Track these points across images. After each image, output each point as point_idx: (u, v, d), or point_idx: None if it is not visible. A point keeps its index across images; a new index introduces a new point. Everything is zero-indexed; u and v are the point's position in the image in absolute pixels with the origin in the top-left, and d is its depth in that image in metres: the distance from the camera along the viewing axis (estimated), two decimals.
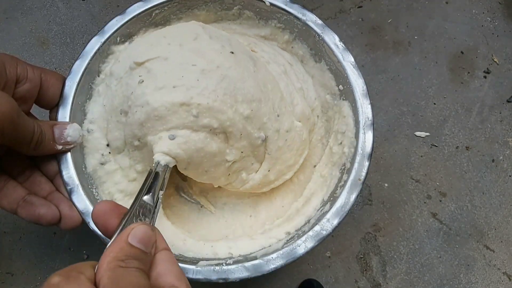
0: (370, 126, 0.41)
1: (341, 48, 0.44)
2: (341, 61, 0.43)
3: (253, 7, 0.47)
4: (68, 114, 0.40)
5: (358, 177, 0.39)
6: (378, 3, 0.76)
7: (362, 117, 0.41)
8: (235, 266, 0.36)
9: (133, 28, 0.45)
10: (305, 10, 0.45)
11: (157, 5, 0.45)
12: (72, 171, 0.38)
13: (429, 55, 0.73)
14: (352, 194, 0.39)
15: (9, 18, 0.71)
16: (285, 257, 0.36)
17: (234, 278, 0.35)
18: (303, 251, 0.36)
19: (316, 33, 0.45)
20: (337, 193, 0.40)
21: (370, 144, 0.40)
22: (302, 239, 0.37)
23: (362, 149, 0.40)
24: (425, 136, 0.69)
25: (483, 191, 0.66)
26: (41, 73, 0.38)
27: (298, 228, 0.41)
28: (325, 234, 0.37)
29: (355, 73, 0.43)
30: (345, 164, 0.42)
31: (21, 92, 0.36)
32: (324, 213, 0.39)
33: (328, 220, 0.38)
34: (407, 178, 0.66)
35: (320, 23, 0.45)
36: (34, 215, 0.35)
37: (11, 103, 0.30)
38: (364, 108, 0.41)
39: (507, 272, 0.63)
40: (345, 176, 0.40)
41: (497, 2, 0.77)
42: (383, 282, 0.61)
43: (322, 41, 0.44)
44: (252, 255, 0.39)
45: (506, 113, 0.71)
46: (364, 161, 0.40)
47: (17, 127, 0.31)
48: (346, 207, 0.38)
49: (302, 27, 0.46)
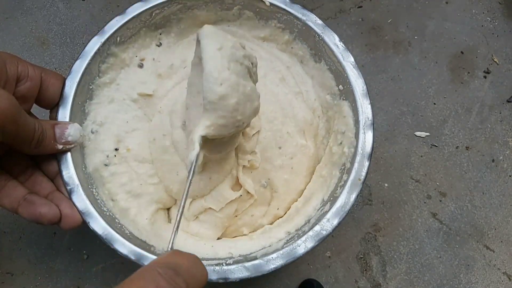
0: (370, 126, 0.41)
1: (341, 48, 0.44)
2: (341, 61, 0.43)
3: (253, 7, 0.47)
4: (68, 114, 0.40)
5: (358, 177, 0.39)
6: (378, 3, 0.76)
7: (362, 117, 0.41)
8: (235, 266, 0.36)
9: (133, 28, 0.45)
10: (305, 10, 0.45)
11: (157, 5, 0.45)
12: (72, 171, 0.38)
13: (429, 55, 0.73)
14: (352, 194, 0.39)
15: (9, 18, 0.71)
16: (285, 257, 0.36)
17: (234, 278, 0.35)
18: (303, 251, 0.36)
19: (316, 33, 0.45)
20: (337, 193, 0.40)
21: (370, 144, 0.40)
22: (302, 239, 0.37)
23: (362, 149, 0.40)
24: (425, 136, 0.69)
25: (483, 191, 0.66)
26: (42, 72, 0.38)
27: (298, 228, 0.41)
28: (325, 234, 0.37)
29: (355, 73, 0.43)
30: (345, 164, 0.42)
31: (22, 91, 0.36)
32: (324, 213, 0.39)
33: (328, 220, 0.38)
34: (407, 178, 0.66)
35: (320, 23, 0.45)
36: (34, 214, 0.35)
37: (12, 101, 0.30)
38: (364, 108, 0.41)
39: (507, 272, 0.63)
40: (345, 176, 0.40)
41: (497, 2, 0.77)
42: (383, 282, 0.61)
43: (322, 41, 0.44)
44: (252, 255, 0.39)
45: (506, 113, 0.71)
46: (364, 161, 0.40)
47: (18, 125, 0.31)
48: (346, 207, 0.38)
49: (302, 27, 0.46)
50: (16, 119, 0.31)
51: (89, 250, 0.60)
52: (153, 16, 0.46)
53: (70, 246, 0.60)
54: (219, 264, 0.36)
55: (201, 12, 0.48)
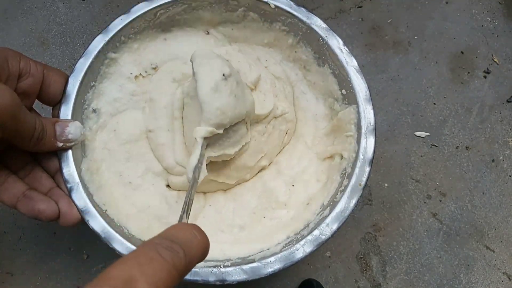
0: (372, 131, 0.41)
1: (345, 53, 0.43)
2: (344, 65, 0.43)
3: (257, 9, 0.46)
4: (70, 112, 0.40)
5: (359, 182, 0.39)
6: (378, 3, 0.76)
7: (364, 122, 0.41)
8: (232, 269, 0.36)
9: (137, 28, 0.45)
10: (310, 13, 0.45)
11: (162, 5, 0.45)
12: (72, 169, 0.38)
13: (429, 55, 0.73)
14: (352, 199, 0.38)
15: (9, 18, 0.71)
16: (283, 261, 0.36)
17: (232, 281, 0.35)
18: (301, 255, 0.36)
19: (320, 37, 0.44)
20: (337, 197, 0.39)
21: (372, 150, 0.40)
22: (300, 243, 0.37)
23: (363, 154, 0.40)
24: (425, 136, 0.69)
25: (483, 191, 0.66)
26: (44, 69, 0.38)
27: (297, 232, 0.41)
28: (324, 238, 0.37)
29: (359, 77, 0.42)
30: (346, 169, 0.41)
31: (24, 87, 0.36)
32: (323, 217, 0.39)
33: (328, 224, 0.37)
34: (407, 178, 0.66)
35: (324, 27, 0.44)
36: (33, 211, 0.35)
37: (13, 96, 0.30)
38: (367, 113, 0.41)
39: (507, 272, 0.63)
40: (345, 181, 0.40)
41: (497, 2, 0.77)
42: (383, 282, 0.61)
43: (326, 45, 0.44)
44: (250, 258, 0.38)
45: (506, 113, 0.71)
46: (365, 167, 0.39)
47: (18, 121, 0.31)
48: (346, 212, 0.38)
49: (306, 30, 0.45)
50: (17, 115, 0.31)
51: (89, 250, 0.60)
52: (158, 16, 0.46)
53: (70, 246, 0.60)
54: (216, 266, 0.36)
55: (205, 13, 0.48)
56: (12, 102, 0.30)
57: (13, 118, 0.30)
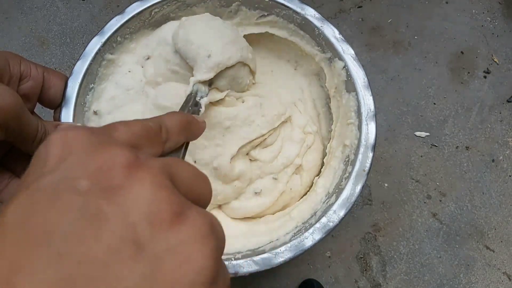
0: (373, 117, 0.41)
1: (340, 41, 0.44)
2: (341, 53, 0.43)
3: (251, 3, 0.47)
4: (71, 115, 0.40)
5: (363, 168, 0.39)
6: (378, 3, 0.76)
7: (364, 109, 0.42)
8: (244, 261, 0.36)
9: (133, 28, 0.45)
10: (303, 4, 0.45)
11: (156, 3, 0.45)
12: None
13: (429, 55, 0.73)
14: (357, 185, 0.39)
15: (9, 18, 0.71)
16: (293, 250, 0.37)
17: (244, 272, 0.36)
18: (310, 243, 0.37)
19: (315, 27, 0.45)
20: (342, 184, 0.40)
21: (373, 135, 0.41)
22: (309, 231, 0.37)
23: (365, 141, 0.41)
24: (425, 136, 0.69)
25: (483, 191, 0.66)
26: (44, 71, 0.38)
27: (305, 220, 0.41)
28: (332, 225, 0.37)
29: (356, 65, 0.43)
30: (349, 156, 0.42)
31: (25, 90, 0.36)
32: (330, 205, 0.39)
33: (335, 211, 0.38)
34: (407, 178, 0.66)
35: (319, 17, 0.45)
36: None
37: (16, 98, 0.30)
38: (366, 99, 0.42)
39: (507, 272, 0.63)
40: (349, 167, 0.41)
41: (497, 2, 0.77)
42: (383, 282, 0.61)
43: (322, 35, 0.45)
44: (260, 249, 0.39)
45: (506, 113, 0.71)
46: (368, 152, 0.40)
47: (21, 123, 0.31)
48: (352, 198, 0.38)
49: (301, 21, 0.46)
50: (20, 116, 0.31)
51: None
52: (152, 15, 0.46)
53: None
54: (228, 259, 0.37)
55: (200, 9, 0.48)
56: (15, 103, 0.30)
57: (16, 119, 0.30)
